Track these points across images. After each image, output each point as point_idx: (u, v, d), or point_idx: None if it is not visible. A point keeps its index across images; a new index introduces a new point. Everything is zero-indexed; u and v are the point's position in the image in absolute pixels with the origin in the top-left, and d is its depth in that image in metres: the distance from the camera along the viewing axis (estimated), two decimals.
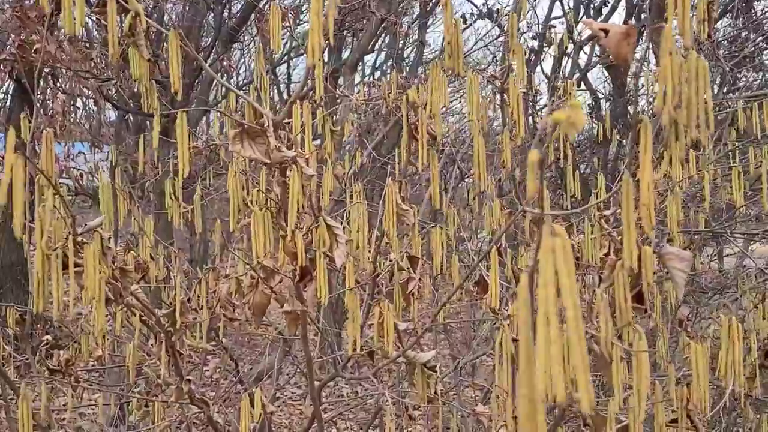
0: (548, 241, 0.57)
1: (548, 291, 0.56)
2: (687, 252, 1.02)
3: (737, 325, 1.20)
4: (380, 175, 3.01)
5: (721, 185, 2.69)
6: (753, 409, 2.65)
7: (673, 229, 1.80)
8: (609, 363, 1.01)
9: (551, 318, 0.56)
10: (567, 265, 0.56)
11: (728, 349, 1.20)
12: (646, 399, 1.33)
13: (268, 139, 1.17)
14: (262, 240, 1.17)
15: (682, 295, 1.04)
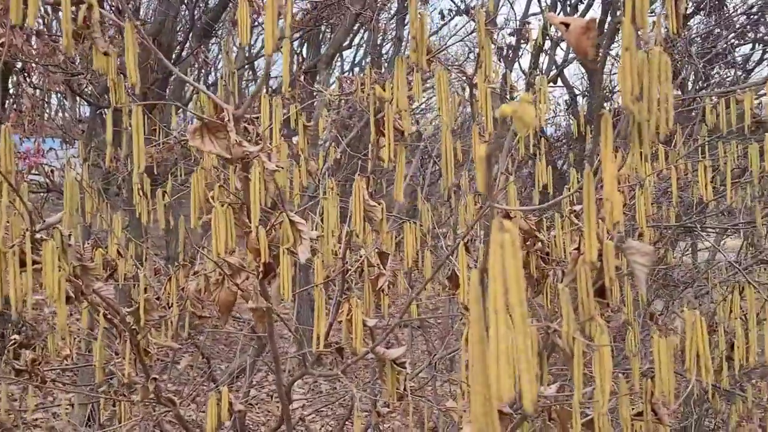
0: (497, 237, 0.56)
1: (497, 287, 0.56)
2: (648, 246, 1.02)
3: (700, 318, 1.21)
4: (356, 172, 3.00)
5: (692, 181, 2.72)
6: (722, 400, 2.69)
7: (643, 224, 1.81)
8: (571, 357, 1.01)
9: (500, 314, 0.55)
10: (515, 260, 0.56)
11: (692, 341, 1.21)
12: (612, 393, 1.34)
13: (228, 134, 1.15)
14: (223, 236, 1.15)
15: (644, 289, 1.04)
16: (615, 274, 1.75)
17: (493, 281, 0.55)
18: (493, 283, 0.55)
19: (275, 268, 1.25)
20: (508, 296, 0.54)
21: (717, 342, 2.11)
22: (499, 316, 0.54)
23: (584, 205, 0.96)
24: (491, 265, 0.56)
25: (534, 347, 1.11)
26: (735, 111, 2.08)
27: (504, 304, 0.55)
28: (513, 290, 0.54)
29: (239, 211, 1.22)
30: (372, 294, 1.65)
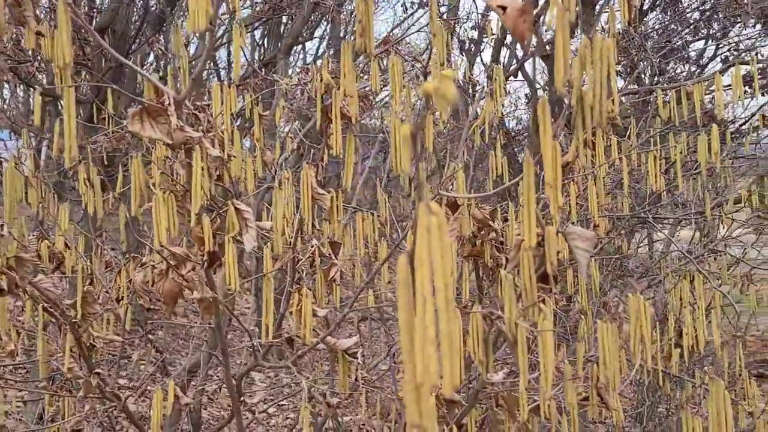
0: (424, 220, 0.55)
1: (423, 271, 0.55)
2: (590, 232, 1.03)
3: (644, 304, 1.23)
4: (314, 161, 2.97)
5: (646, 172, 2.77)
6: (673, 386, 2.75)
7: (595, 214, 1.84)
8: (514, 343, 1.02)
9: (426, 299, 0.54)
10: (441, 244, 0.55)
11: (636, 327, 1.23)
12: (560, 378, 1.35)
13: (169, 119, 1.11)
14: (164, 225, 1.12)
15: (585, 274, 1.04)
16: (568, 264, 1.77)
17: (420, 266, 0.54)
18: (420, 267, 0.54)
19: (221, 257, 1.22)
20: (434, 280, 0.53)
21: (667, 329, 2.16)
22: (426, 300, 0.53)
23: (524, 191, 0.96)
24: (417, 249, 0.55)
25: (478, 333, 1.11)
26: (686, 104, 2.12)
27: (431, 288, 0.54)
28: (439, 274, 0.53)
29: (182, 198, 1.19)
30: (324, 284, 1.64)
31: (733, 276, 3.93)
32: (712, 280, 2.95)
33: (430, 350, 0.53)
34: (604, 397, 1.29)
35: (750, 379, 2.32)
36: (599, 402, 1.30)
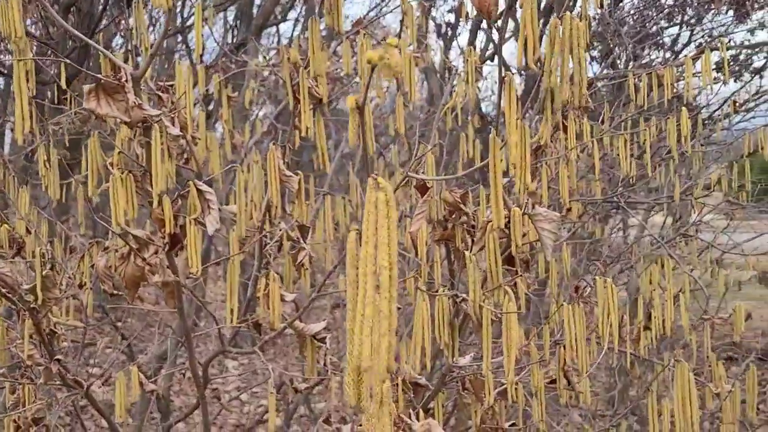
0: (371, 196, 0.53)
1: (368, 249, 0.53)
2: (554, 213, 1.02)
3: (611, 287, 1.23)
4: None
5: (614, 155, 2.78)
6: (645, 369, 2.79)
7: (565, 197, 1.83)
8: (479, 325, 1.01)
9: (369, 277, 0.52)
10: (388, 221, 0.53)
11: (603, 310, 1.22)
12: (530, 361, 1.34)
13: (126, 96, 1.07)
14: (122, 206, 1.08)
15: (550, 255, 1.04)
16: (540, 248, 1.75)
17: (365, 243, 0.52)
18: (365, 244, 0.52)
19: (182, 240, 1.19)
20: (378, 258, 0.52)
21: (637, 312, 2.17)
22: (368, 278, 0.51)
23: (490, 171, 0.94)
24: (364, 225, 0.53)
25: (444, 316, 1.10)
26: (657, 88, 2.13)
27: (374, 266, 0.52)
28: (383, 251, 0.52)
29: (142, 179, 1.15)
30: (292, 269, 1.62)
31: (704, 261, 3.99)
32: (683, 264, 2.98)
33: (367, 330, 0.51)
34: (570, 379, 1.29)
35: (717, 361, 2.35)
36: (566, 385, 1.30)
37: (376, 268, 0.52)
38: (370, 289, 0.51)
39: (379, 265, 0.52)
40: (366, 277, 0.52)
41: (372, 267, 0.52)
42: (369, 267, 0.52)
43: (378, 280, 0.51)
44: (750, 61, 5.38)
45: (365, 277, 0.51)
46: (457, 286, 1.80)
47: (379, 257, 0.52)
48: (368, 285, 0.52)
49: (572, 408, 3.41)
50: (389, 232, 0.52)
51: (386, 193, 0.52)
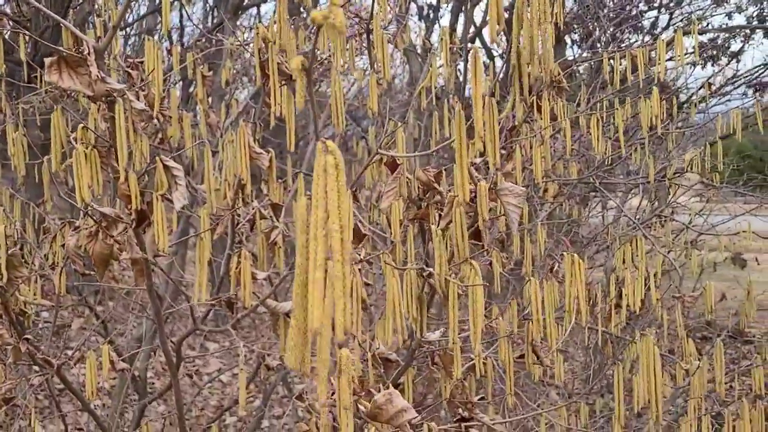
0: (320, 160, 0.53)
1: (318, 213, 0.53)
2: (520, 188, 1.02)
3: (579, 262, 1.24)
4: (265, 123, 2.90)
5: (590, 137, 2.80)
6: (619, 347, 2.83)
7: (538, 176, 1.84)
8: (445, 298, 1.01)
9: (319, 241, 0.52)
10: (337, 185, 0.53)
11: (570, 284, 1.24)
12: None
13: (89, 69, 1.06)
14: (86, 181, 1.07)
15: (516, 229, 1.04)
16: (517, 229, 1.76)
17: (315, 208, 0.52)
18: (315, 209, 0.52)
19: (149, 216, 1.18)
20: (329, 221, 0.52)
21: (608, 291, 2.20)
22: (319, 242, 0.51)
23: (456, 145, 0.94)
24: (314, 189, 0.53)
25: (412, 290, 1.10)
26: (633, 71, 2.14)
27: (324, 230, 0.52)
28: (333, 215, 0.52)
29: (107, 154, 1.14)
30: (266, 247, 1.61)
31: (679, 243, 4.05)
32: (657, 244, 3.02)
33: (316, 294, 0.51)
34: (539, 354, 1.31)
35: (688, 338, 2.40)
36: (535, 360, 1.32)
37: (327, 231, 0.52)
38: (321, 253, 0.51)
39: (330, 229, 0.52)
40: (317, 241, 0.52)
41: (322, 231, 0.52)
42: (319, 231, 0.52)
43: (329, 244, 0.51)
44: (727, 44, 5.43)
45: (316, 241, 0.52)
46: (432, 265, 1.81)
47: (330, 221, 0.52)
48: (319, 249, 0.52)
49: (549, 387, 3.46)
50: (339, 196, 0.52)
51: (335, 156, 0.52)
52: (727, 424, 1.97)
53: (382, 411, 0.80)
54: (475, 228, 1.06)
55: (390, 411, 0.79)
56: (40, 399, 3.38)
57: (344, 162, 1.72)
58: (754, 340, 4.75)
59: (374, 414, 0.80)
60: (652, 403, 1.27)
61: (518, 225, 1.74)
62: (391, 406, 0.79)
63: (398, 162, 1.27)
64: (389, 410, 0.79)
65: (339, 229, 0.52)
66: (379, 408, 0.80)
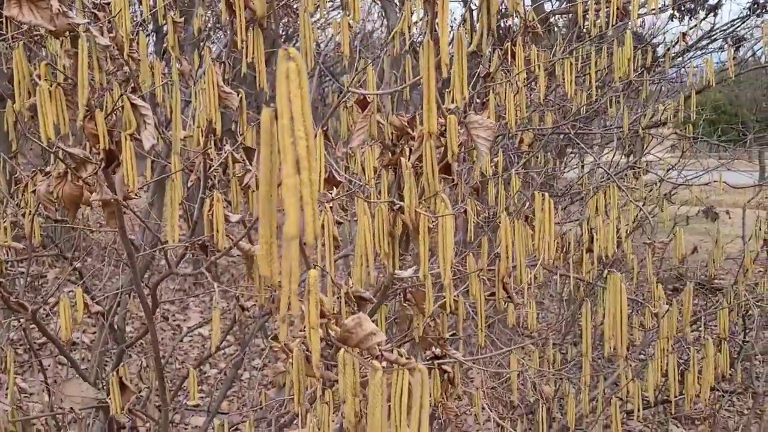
0: (282, 66, 0.53)
1: (284, 121, 0.53)
2: (490, 120, 1.03)
3: (549, 201, 1.26)
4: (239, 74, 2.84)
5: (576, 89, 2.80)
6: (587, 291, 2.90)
7: (511, 122, 1.85)
8: (416, 231, 1.03)
9: (287, 150, 0.53)
10: (301, 91, 0.53)
11: (540, 222, 1.26)
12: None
13: (50, 3, 1.03)
14: (50, 119, 1.05)
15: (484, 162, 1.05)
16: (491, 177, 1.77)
17: (280, 116, 0.52)
18: (280, 117, 0.53)
19: (118, 156, 1.17)
20: (294, 129, 0.52)
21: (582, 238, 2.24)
22: (287, 151, 0.52)
23: (423, 75, 0.94)
24: (278, 97, 0.53)
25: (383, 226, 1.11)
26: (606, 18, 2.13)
27: (291, 138, 0.52)
28: (298, 122, 0.52)
29: (72, 92, 1.12)
30: (239, 191, 1.61)
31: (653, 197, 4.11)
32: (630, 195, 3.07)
33: (291, 201, 0.52)
34: (509, 291, 1.34)
35: (657, 283, 2.46)
36: (505, 297, 1.35)
37: (294, 139, 0.52)
38: (290, 161, 0.52)
39: (296, 137, 0.52)
40: (285, 149, 0.52)
41: (289, 138, 0.52)
42: (286, 139, 0.52)
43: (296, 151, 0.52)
44: None
45: (284, 149, 0.52)
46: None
47: (296, 128, 0.52)
48: (288, 157, 0.52)
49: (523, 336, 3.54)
50: (302, 102, 0.52)
51: (297, 62, 0.52)
52: (692, 364, 2.05)
53: (351, 335, 0.82)
54: (445, 162, 1.07)
55: (359, 334, 0.81)
56: (19, 353, 3.38)
57: (321, 114, 1.70)
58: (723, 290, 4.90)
59: (344, 338, 0.82)
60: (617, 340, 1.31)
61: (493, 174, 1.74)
62: (360, 329, 0.81)
63: (368, 100, 1.26)
64: (359, 333, 0.81)
65: (304, 136, 0.52)
66: (348, 332, 0.82)
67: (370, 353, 0.82)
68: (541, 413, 2.52)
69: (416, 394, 0.66)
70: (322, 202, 1.24)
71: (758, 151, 6.93)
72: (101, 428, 2.28)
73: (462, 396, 3.12)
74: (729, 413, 4.37)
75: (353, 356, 0.80)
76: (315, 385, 1.32)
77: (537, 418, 3.50)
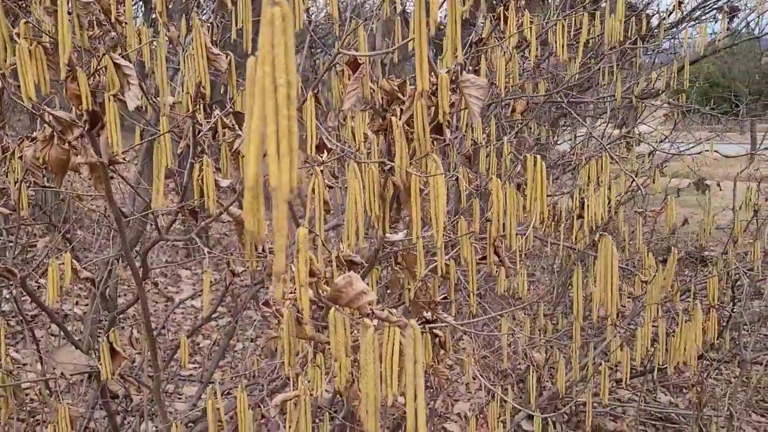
0: (266, 12, 0.51)
1: (265, 68, 0.51)
2: (482, 80, 1.01)
3: (540, 162, 1.25)
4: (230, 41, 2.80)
5: (569, 57, 2.78)
6: (578, 258, 2.91)
7: (501, 85, 1.83)
8: (407, 192, 1.02)
9: (267, 95, 0.51)
10: (285, 38, 0.51)
11: (532, 183, 1.25)
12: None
13: None
14: (31, 79, 1.03)
15: (476, 122, 1.04)
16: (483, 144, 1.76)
17: (262, 62, 0.51)
18: (262, 64, 0.51)
19: (102, 118, 1.15)
20: (276, 77, 0.50)
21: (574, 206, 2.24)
22: (267, 97, 0.50)
23: (414, 33, 0.92)
24: (260, 44, 0.51)
25: (374, 187, 1.10)
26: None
27: (273, 85, 0.51)
28: (279, 69, 0.50)
29: (53, 52, 1.09)
30: (229, 156, 1.59)
31: (645, 168, 4.11)
32: (622, 164, 3.07)
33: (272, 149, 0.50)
34: (500, 255, 1.34)
35: (648, 251, 2.48)
36: (496, 261, 1.35)
37: (276, 86, 0.51)
38: (271, 107, 0.50)
39: (277, 85, 0.50)
40: (265, 96, 0.51)
41: (271, 85, 0.51)
42: (268, 85, 0.51)
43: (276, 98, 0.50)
44: None
45: (265, 95, 0.50)
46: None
47: (277, 76, 0.50)
48: (268, 104, 0.51)
49: (516, 308, 3.57)
50: (286, 49, 0.50)
51: (282, 7, 0.50)
52: (680, 328, 2.07)
53: (342, 294, 0.81)
54: (436, 123, 1.06)
55: (350, 293, 0.81)
56: (11, 325, 3.38)
57: (314, 86, 1.64)
58: (714, 260, 4.95)
59: (335, 297, 0.82)
60: (607, 303, 1.31)
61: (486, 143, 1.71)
62: (351, 288, 0.81)
63: (360, 62, 1.24)
64: (349, 293, 0.81)
65: (286, 84, 0.50)
66: (339, 291, 0.81)
67: (360, 312, 0.81)
68: (532, 380, 2.55)
69: (409, 350, 0.65)
70: (313, 165, 1.22)
71: (750, 121, 6.94)
72: (95, 397, 2.29)
73: (453, 365, 3.14)
74: (716, 381, 4.45)
75: (344, 315, 0.80)
76: (306, 350, 1.32)
77: (527, 387, 3.54)
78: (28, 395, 2.89)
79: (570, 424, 4.00)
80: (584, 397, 3.63)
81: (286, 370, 1.09)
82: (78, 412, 1.42)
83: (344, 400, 2.16)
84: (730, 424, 3.25)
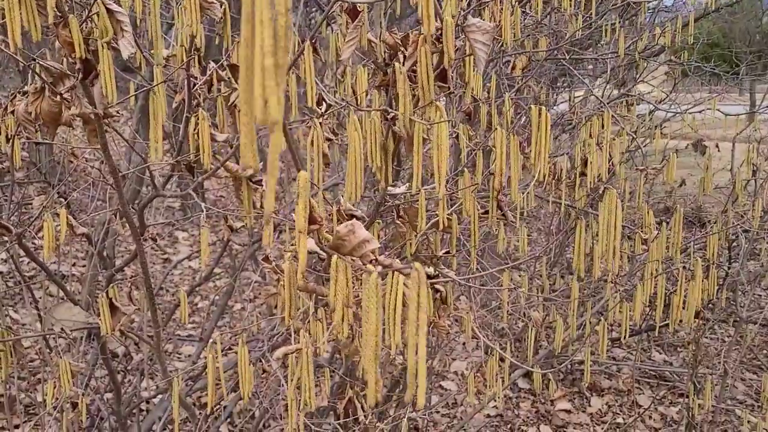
0: None
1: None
2: (489, 24, 0.98)
3: (545, 113, 1.22)
4: None
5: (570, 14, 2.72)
6: (579, 216, 2.90)
7: (507, 41, 1.79)
8: (410, 142, 0.99)
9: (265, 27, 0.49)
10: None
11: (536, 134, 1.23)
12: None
13: None
14: (18, 24, 0.99)
15: (482, 69, 1.01)
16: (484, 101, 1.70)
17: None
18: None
19: (95, 67, 1.11)
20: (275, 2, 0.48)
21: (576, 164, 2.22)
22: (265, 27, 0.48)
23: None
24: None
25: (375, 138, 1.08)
26: None
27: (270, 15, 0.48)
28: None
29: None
30: (225, 110, 1.56)
31: (644, 126, 4.08)
32: (622, 122, 3.04)
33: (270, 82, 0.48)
34: (503, 209, 1.32)
35: (648, 209, 2.46)
36: (499, 214, 1.33)
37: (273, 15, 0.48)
38: (267, 37, 0.48)
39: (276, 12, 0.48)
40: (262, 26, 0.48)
41: (267, 14, 0.48)
42: (265, 14, 0.48)
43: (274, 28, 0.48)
44: None
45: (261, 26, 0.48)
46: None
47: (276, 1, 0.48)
48: (265, 34, 0.48)
49: (515, 263, 3.58)
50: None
51: None
52: (680, 286, 2.07)
53: (344, 242, 0.79)
54: (441, 69, 1.03)
55: (353, 241, 0.79)
56: (10, 286, 3.38)
57: (311, 35, 1.56)
58: (712, 220, 4.95)
59: (337, 245, 0.80)
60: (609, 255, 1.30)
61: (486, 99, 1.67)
62: (353, 236, 0.79)
63: (359, 9, 1.20)
64: (352, 241, 0.79)
65: (285, 11, 0.48)
66: (341, 239, 0.80)
67: (363, 261, 0.80)
68: (529, 338, 2.57)
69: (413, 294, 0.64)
70: (311, 117, 1.19)
71: (749, 81, 6.88)
72: (95, 356, 2.29)
73: (451, 324, 3.16)
74: (711, 340, 4.50)
75: (346, 263, 0.78)
76: (307, 305, 1.31)
77: (524, 346, 3.57)
78: (28, 354, 2.91)
79: (565, 382, 4.06)
80: (580, 355, 3.67)
81: (286, 323, 1.08)
82: (79, 367, 1.42)
83: (343, 358, 2.17)
84: (724, 382, 3.29)
